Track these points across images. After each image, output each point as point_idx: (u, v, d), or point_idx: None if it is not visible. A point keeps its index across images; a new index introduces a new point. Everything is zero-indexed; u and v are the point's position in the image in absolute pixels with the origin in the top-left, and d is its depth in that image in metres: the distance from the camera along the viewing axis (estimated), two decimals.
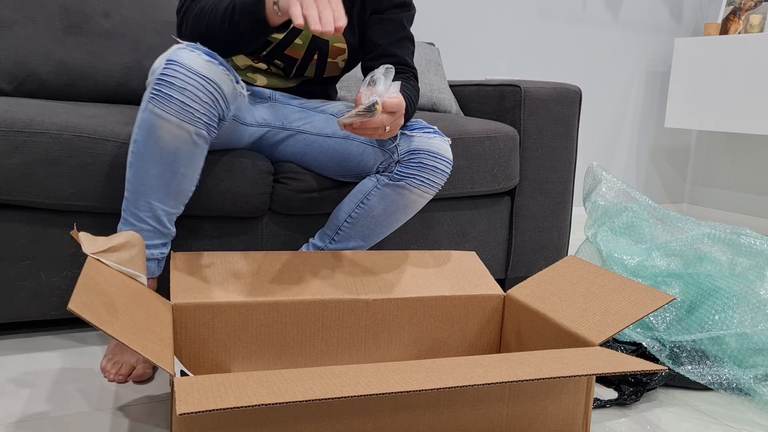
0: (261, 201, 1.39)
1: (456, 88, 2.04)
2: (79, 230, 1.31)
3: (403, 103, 1.16)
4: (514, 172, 1.70)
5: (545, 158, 1.75)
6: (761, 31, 2.87)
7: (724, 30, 3.01)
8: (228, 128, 1.30)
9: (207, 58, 1.12)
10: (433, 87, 2.00)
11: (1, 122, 1.21)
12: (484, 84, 1.88)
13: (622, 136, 3.24)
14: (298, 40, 1.36)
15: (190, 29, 1.21)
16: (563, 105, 1.75)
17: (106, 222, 1.32)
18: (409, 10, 1.41)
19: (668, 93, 3.11)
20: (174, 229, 1.22)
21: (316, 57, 1.39)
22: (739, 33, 2.96)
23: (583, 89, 3.08)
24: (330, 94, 1.52)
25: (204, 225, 1.39)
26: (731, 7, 3.01)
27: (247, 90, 1.36)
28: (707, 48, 2.89)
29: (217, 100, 1.13)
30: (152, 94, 1.10)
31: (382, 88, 1.14)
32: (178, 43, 1.21)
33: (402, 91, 1.28)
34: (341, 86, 1.93)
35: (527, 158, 1.74)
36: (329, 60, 1.40)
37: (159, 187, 1.15)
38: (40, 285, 1.29)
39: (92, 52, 1.67)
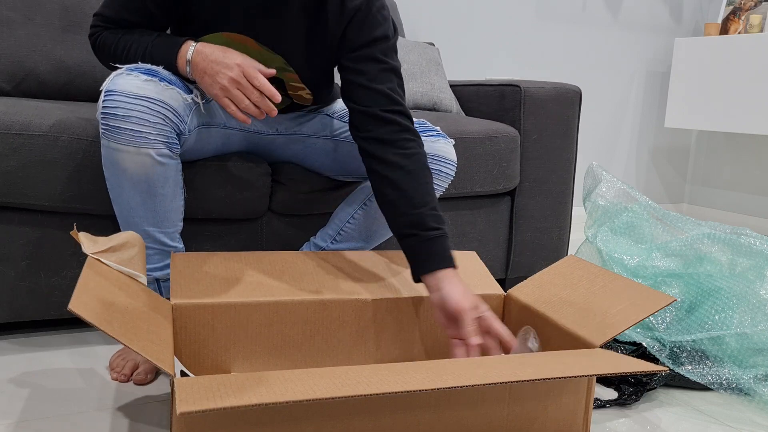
0: (260, 203, 1.39)
1: (456, 88, 2.04)
2: (78, 231, 1.31)
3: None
4: (514, 173, 1.70)
5: (545, 158, 1.75)
6: (761, 31, 2.87)
7: (724, 30, 3.01)
8: (215, 136, 1.28)
9: (145, 77, 1.08)
10: (434, 87, 2.00)
11: None
12: (485, 84, 1.88)
13: (622, 136, 3.24)
14: None
15: (104, 60, 1.20)
16: (563, 105, 1.75)
17: (103, 224, 1.32)
18: (387, 41, 1.20)
19: (668, 93, 3.11)
20: (181, 245, 1.21)
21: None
22: (739, 33, 2.96)
23: (583, 89, 3.08)
24: (324, 98, 1.35)
25: (204, 227, 1.38)
26: (731, 7, 3.01)
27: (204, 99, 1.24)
28: (707, 48, 2.89)
29: (166, 117, 1.09)
30: (102, 129, 1.08)
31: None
32: (116, 68, 1.17)
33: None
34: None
35: (527, 158, 1.73)
36: (290, 92, 1.25)
37: (146, 214, 1.14)
38: (40, 285, 1.29)
39: (91, 52, 1.67)
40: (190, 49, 1.12)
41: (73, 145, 1.24)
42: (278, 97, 1.10)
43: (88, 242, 0.99)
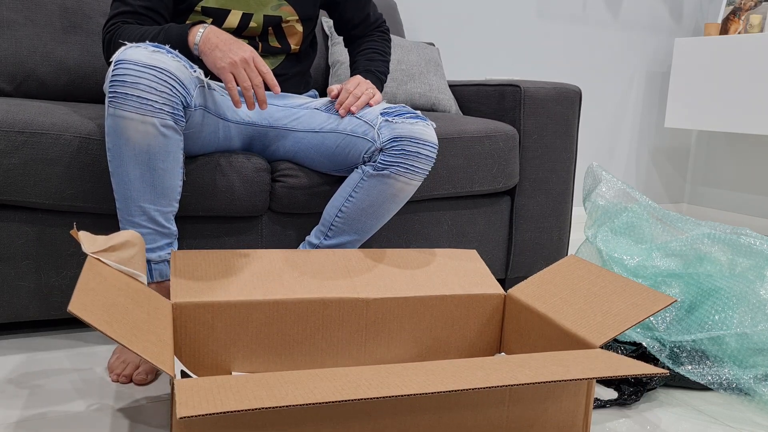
0: (260, 200, 1.39)
1: (456, 88, 2.04)
2: (78, 230, 1.30)
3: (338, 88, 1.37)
4: (513, 172, 1.70)
5: (545, 158, 1.75)
6: (761, 31, 2.87)
7: (724, 30, 3.01)
8: (212, 126, 1.30)
9: (153, 48, 1.13)
10: (433, 87, 2.00)
11: (1, 122, 1.21)
12: (484, 84, 1.88)
13: (622, 136, 3.24)
14: (252, 23, 1.39)
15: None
16: (563, 105, 1.75)
17: (104, 223, 1.32)
18: None
19: (668, 93, 3.11)
20: (175, 228, 1.22)
21: (271, 29, 1.42)
22: (739, 33, 2.96)
23: (583, 89, 3.08)
24: (306, 80, 1.55)
25: (205, 225, 1.39)
26: (731, 7, 3.01)
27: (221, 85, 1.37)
28: (707, 48, 2.89)
29: (173, 87, 1.12)
30: (110, 97, 1.11)
31: None
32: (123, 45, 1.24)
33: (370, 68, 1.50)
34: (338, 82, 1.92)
35: (527, 158, 1.73)
36: (284, 25, 1.43)
37: (144, 188, 1.15)
38: (40, 285, 1.29)
39: (92, 52, 1.67)
40: (205, 26, 1.21)
41: (74, 144, 1.24)
42: (278, 89, 1.20)
43: (87, 241, 0.99)
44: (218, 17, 1.36)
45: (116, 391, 1.12)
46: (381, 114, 1.30)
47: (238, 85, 1.18)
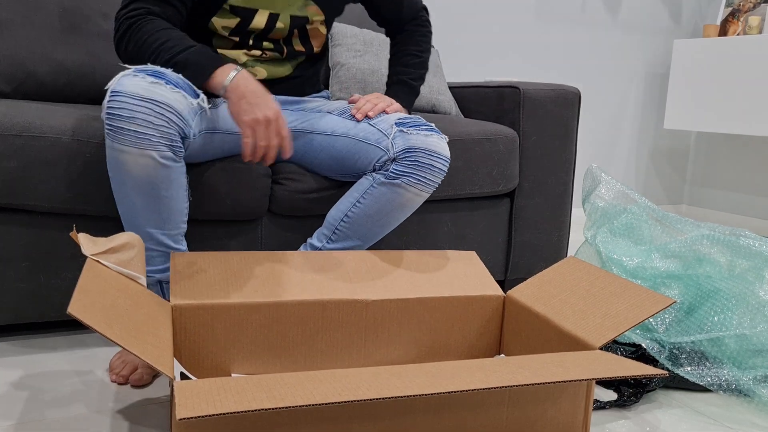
0: (259, 204, 1.39)
1: (455, 89, 2.04)
2: (78, 232, 1.30)
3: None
4: (513, 174, 1.70)
5: (544, 160, 1.76)
6: (760, 32, 2.87)
7: (723, 31, 3.02)
8: (219, 141, 1.29)
9: (152, 79, 1.09)
10: (433, 89, 2.00)
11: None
12: (484, 86, 1.89)
13: (622, 138, 3.24)
14: (279, 24, 1.37)
15: (129, 54, 1.20)
16: (562, 106, 1.75)
17: (103, 225, 1.32)
18: None
19: (667, 94, 3.11)
20: (184, 247, 1.21)
21: (296, 31, 1.40)
22: (737, 34, 2.96)
23: (582, 91, 3.08)
24: (317, 79, 1.54)
25: (204, 228, 1.38)
26: (730, 9, 3.01)
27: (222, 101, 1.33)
28: (706, 49, 2.89)
29: (170, 120, 1.09)
30: (107, 130, 1.09)
31: None
32: (124, 68, 1.20)
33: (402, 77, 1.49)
34: (340, 88, 1.92)
35: (526, 160, 1.74)
36: (308, 27, 1.41)
37: (150, 215, 1.14)
38: (40, 286, 1.29)
39: (91, 53, 1.67)
40: (237, 70, 1.16)
41: (73, 147, 1.24)
42: (289, 155, 1.21)
43: (87, 243, 0.99)
44: (246, 17, 1.33)
45: (116, 393, 1.12)
46: (396, 124, 1.30)
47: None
